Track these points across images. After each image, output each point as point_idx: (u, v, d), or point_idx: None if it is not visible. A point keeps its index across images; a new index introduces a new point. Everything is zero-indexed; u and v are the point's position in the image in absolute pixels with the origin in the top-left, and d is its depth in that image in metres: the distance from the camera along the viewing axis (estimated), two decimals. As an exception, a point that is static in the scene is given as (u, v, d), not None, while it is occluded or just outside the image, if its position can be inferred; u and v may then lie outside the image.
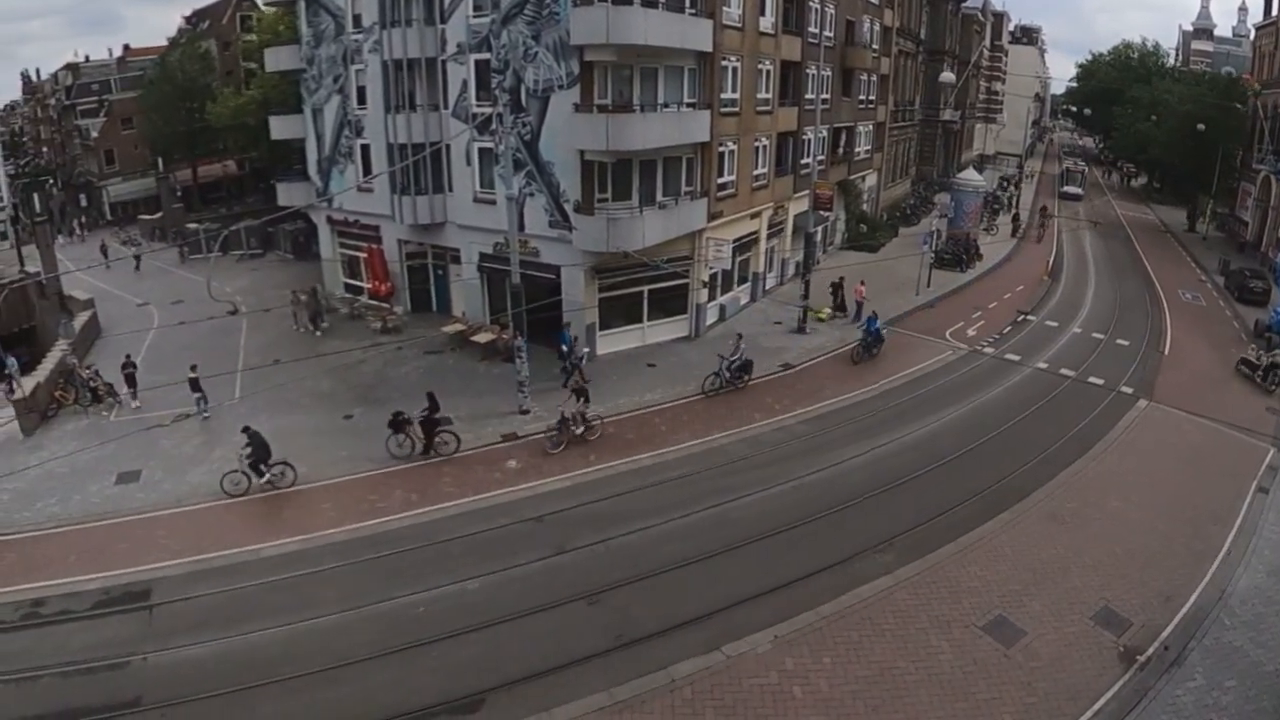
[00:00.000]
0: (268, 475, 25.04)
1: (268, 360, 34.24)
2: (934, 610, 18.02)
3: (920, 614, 17.80)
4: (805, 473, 24.44)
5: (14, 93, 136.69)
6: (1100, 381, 32.95)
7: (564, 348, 32.44)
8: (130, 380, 31.28)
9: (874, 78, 53.28)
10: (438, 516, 23.20)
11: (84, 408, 32.30)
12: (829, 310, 38.94)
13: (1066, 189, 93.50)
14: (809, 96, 41.13)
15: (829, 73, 43.65)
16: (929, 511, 22.10)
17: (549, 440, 26.97)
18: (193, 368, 30.49)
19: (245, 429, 25.23)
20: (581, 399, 27.22)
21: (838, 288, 39.50)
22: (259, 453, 24.90)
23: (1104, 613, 18.54)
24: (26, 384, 31.24)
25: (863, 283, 38.80)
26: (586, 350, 33.35)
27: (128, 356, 31.94)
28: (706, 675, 16.22)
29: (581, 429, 27.17)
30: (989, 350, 34.51)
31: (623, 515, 22.53)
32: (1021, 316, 38.52)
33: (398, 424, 26.74)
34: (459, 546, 21.62)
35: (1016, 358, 33.77)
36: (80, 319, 42.22)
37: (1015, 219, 61.75)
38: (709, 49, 32.95)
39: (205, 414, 30.31)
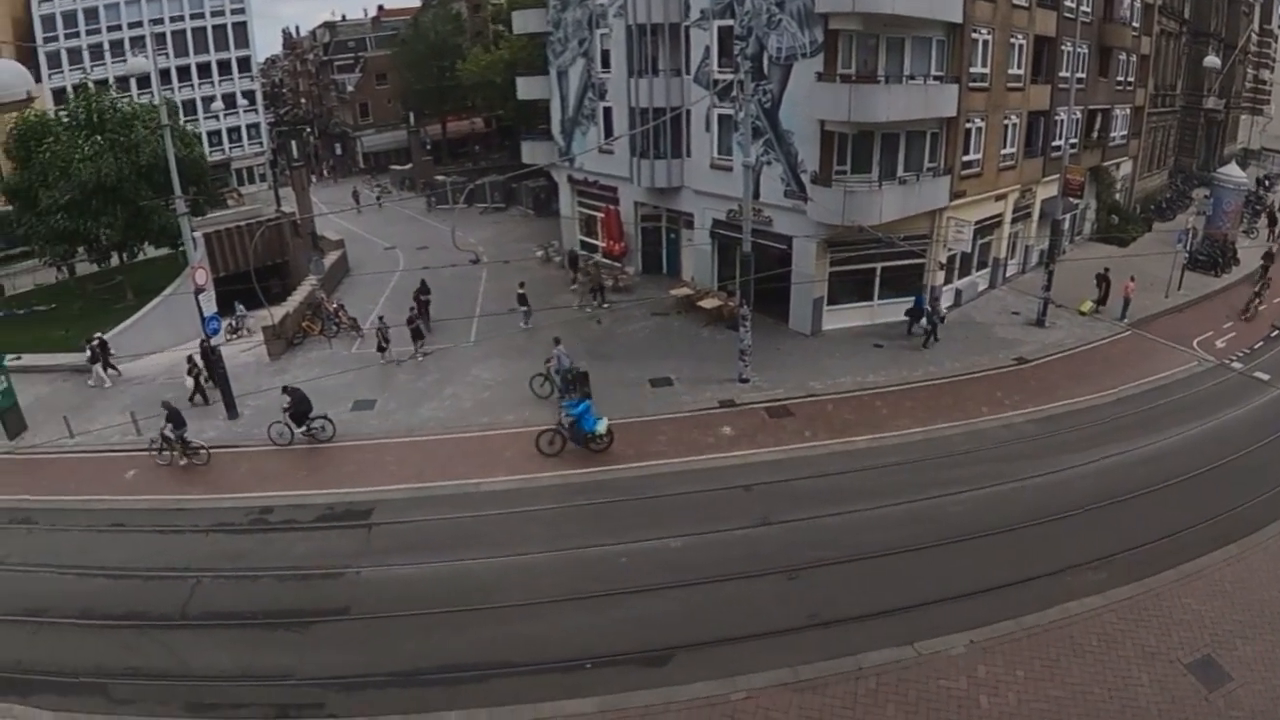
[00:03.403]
0: (307, 428, 27.04)
1: (504, 308, 36.39)
2: (1140, 638, 17.12)
3: (1125, 640, 16.99)
4: (1027, 475, 23.60)
5: (275, 48, 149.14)
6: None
7: (926, 309, 33.14)
8: (416, 334, 33.41)
9: (1133, 58, 49.58)
10: (650, 473, 24.33)
11: (328, 339, 35.42)
12: (1091, 304, 36.80)
13: None
14: (1063, 74, 38.96)
15: (1085, 50, 41.12)
16: (1151, 533, 20.75)
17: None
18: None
19: (285, 388, 27.34)
20: None
21: (1103, 280, 37.14)
22: (300, 407, 26.89)
23: (1324, 673, 17.07)
24: (276, 313, 34.89)
25: (1132, 279, 36.35)
26: (946, 309, 33.79)
27: (412, 309, 34.38)
28: (895, 669, 16.20)
29: None
30: (1237, 365, 31.71)
31: (833, 495, 22.71)
32: (1277, 331, 35.07)
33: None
34: (667, 504, 22.65)
35: (1266, 376, 30.74)
36: (330, 257, 46.43)
37: (1272, 220, 55.85)
38: (959, 20, 32.02)
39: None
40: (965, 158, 34.61)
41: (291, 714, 16.08)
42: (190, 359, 31.00)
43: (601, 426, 25.21)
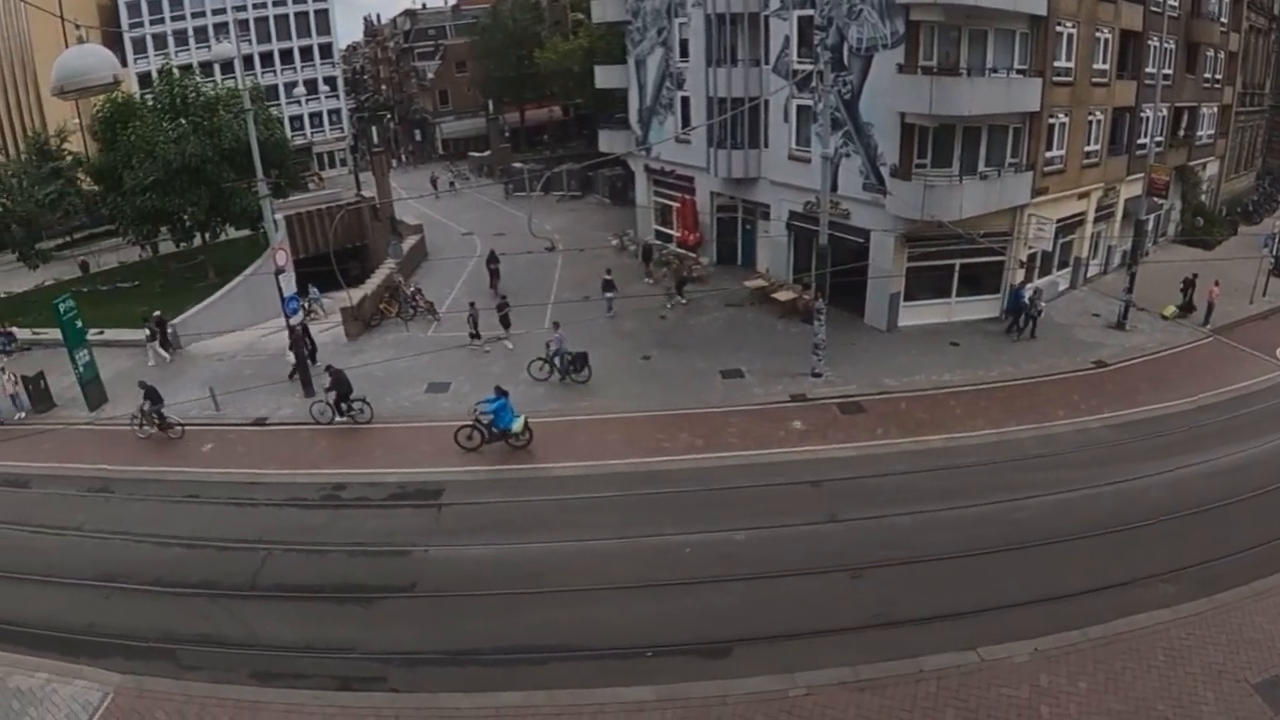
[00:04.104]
0: (347, 408, 27.65)
1: (578, 296, 36.71)
2: (1208, 656, 16.60)
3: (1193, 657, 16.50)
4: (1101, 482, 23.02)
5: (356, 35, 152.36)
6: None
7: (1025, 303, 32.97)
8: (505, 321, 33.68)
9: (1221, 55, 48.08)
10: (718, 464, 24.39)
11: (405, 321, 36.10)
12: (1174, 309, 35.82)
13: None
14: (1149, 70, 37.94)
15: (1171, 46, 40.03)
16: (1227, 547, 20.05)
17: None
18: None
19: (328, 368, 28.04)
20: None
21: (1190, 285, 36.11)
22: (340, 388, 27.50)
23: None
24: (354, 295, 35.61)
25: (1217, 283, 35.34)
26: (1044, 305, 33.58)
27: (503, 298, 34.61)
28: (956, 673, 15.93)
29: None
30: (1322, 376, 30.60)
31: (901, 495, 22.50)
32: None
33: None
34: (733, 496, 22.70)
35: (1353, 390, 29.69)
36: (409, 242, 47.32)
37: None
38: (1043, 12, 31.44)
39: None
40: (1048, 154, 34.00)
41: (354, 687, 16.45)
42: (302, 336, 31.91)
43: (518, 424, 25.26)
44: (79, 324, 30.61)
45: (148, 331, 35.03)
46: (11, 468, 26.74)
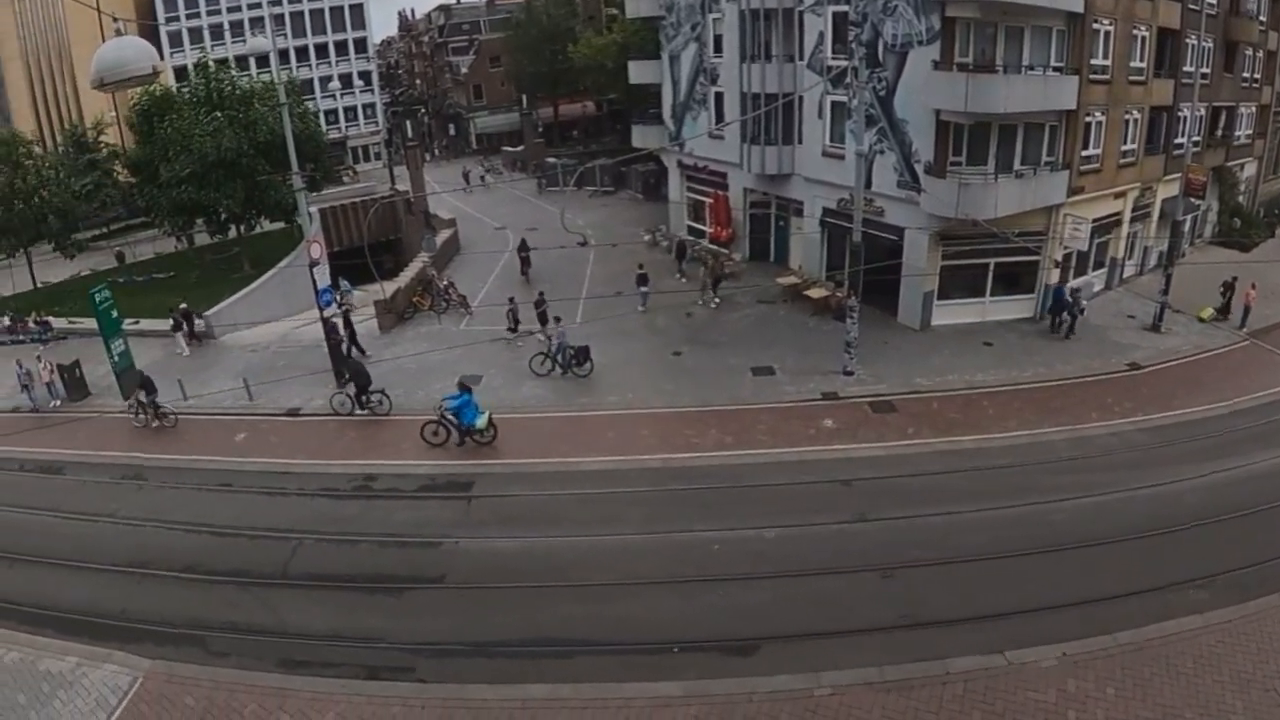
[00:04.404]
0: (365, 400, 28.16)
1: (610, 291, 36.83)
2: (1237, 664, 16.35)
3: (1222, 665, 16.27)
4: (1134, 486, 22.75)
5: (391, 29, 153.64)
6: None
7: (1067, 301, 32.91)
8: (542, 318, 33.39)
9: (1259, 54, 47.32)
10: (748, 461, 24.37)
11: (437, 314, 36.41)
12: (1212, 311, 35.35)
13: None
14: (1187, 69, 37.46)
15: (1210, 44, 39.46)
16: (1258, 554, 19.71)
17: None
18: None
19: (346, 360, 28.88)
20: None
21: (1230, 287, 35.60)
22: (358, 380, 28.01)
23: None
24: (388, 288, 35.85)
25: (1254, 285, 34.88)
26: (1086, 304, 33.45)
27: (541, 294, 34.46)
28: (983, 676, 15.73)
29: None
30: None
31: (932, 495, 22.35)
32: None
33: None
34: (763, 494, 22.67)
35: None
36: (442, 236, 47.68)
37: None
38: (1080, 9, 31.08)
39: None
40: (1084, 153, 33.62)
41: (381, 676, 16.64)
42: (335, 327, 32.29)
43: (482, 421, 25.46)
44: (114, 314, 31.06)
45: (172, 322, 35.60)
46: (46, 454, 27.31)
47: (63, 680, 17.08)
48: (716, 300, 37.49)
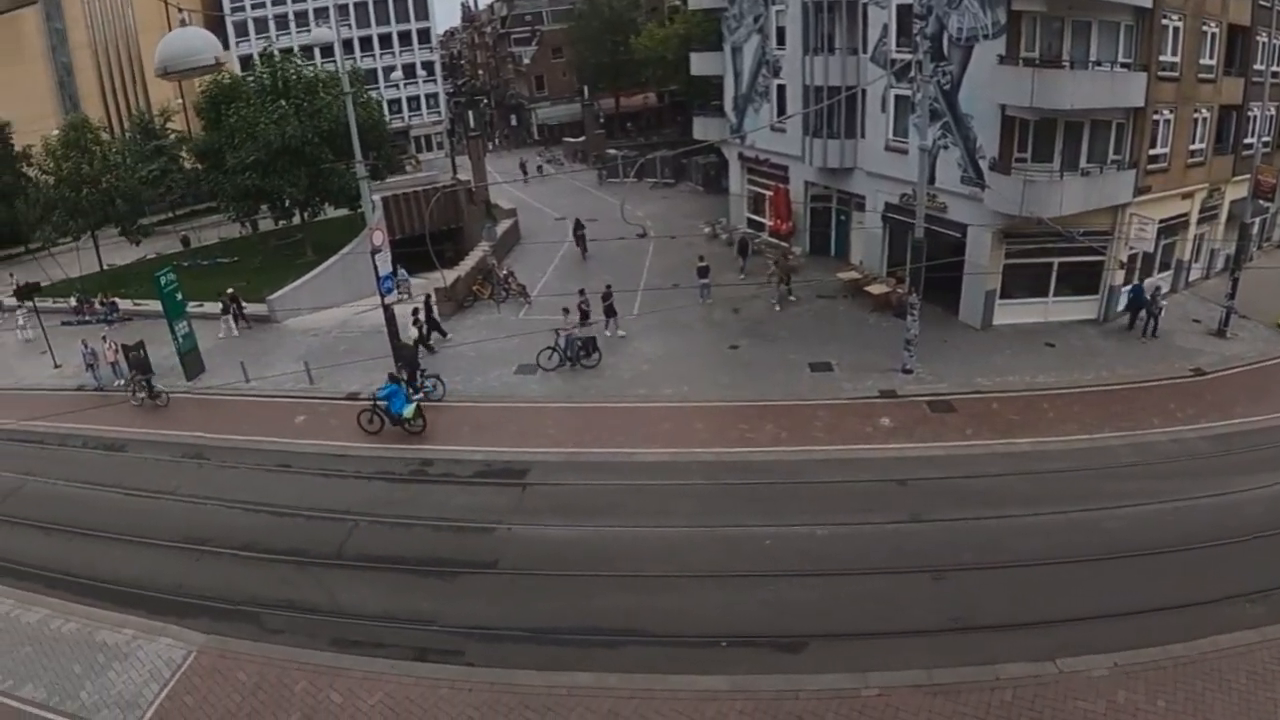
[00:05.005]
0: (421, 388, 28.61)
1: (668, 283, 36.96)
2: None
3: (1276, 681, 15.84)
4: (1195, 495, 22.17)
5: (454, 20, 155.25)
6: None
7: (1146, 300, 32.54)
8: (610, 311, 33.45)
9: None
10: (803, 458, 24.30)
11: (497, 303, 36.85)
12: None
13: None
14: (1258, 67, 36.41)
15: (1280, 42, 38.44)
16: None
17: None
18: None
19: (397, 346, 29.10)
20: None
21: None
22: (412, 366, 28.66)
23: None
24: (448, 276, 36.33)
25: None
26: (1164, 303, 33.07)
27: (608, 287, 34.09)
28: (1032, 684, 15.55)
29: None
30: None
31: (988, 498, 22.06)
32: None
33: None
34: (817, 491, 22.60)
35: None
36: (503, 225, 48.08)
37: None
38: (1149, 4, 30.32)
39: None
40: (1152, 151, 32.82)
41: (431, 658, 16.97)
42: (415, 311, 33.08)
43: (409, 410, 26.21)
44: (179, 296, 31.91)
45: (220, 305, 36.46)
46: (109, 432, 28.28)
47: (118, 652, 17.70)
48: (792, 298, 36.87)
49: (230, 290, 37.85)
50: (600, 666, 16.45)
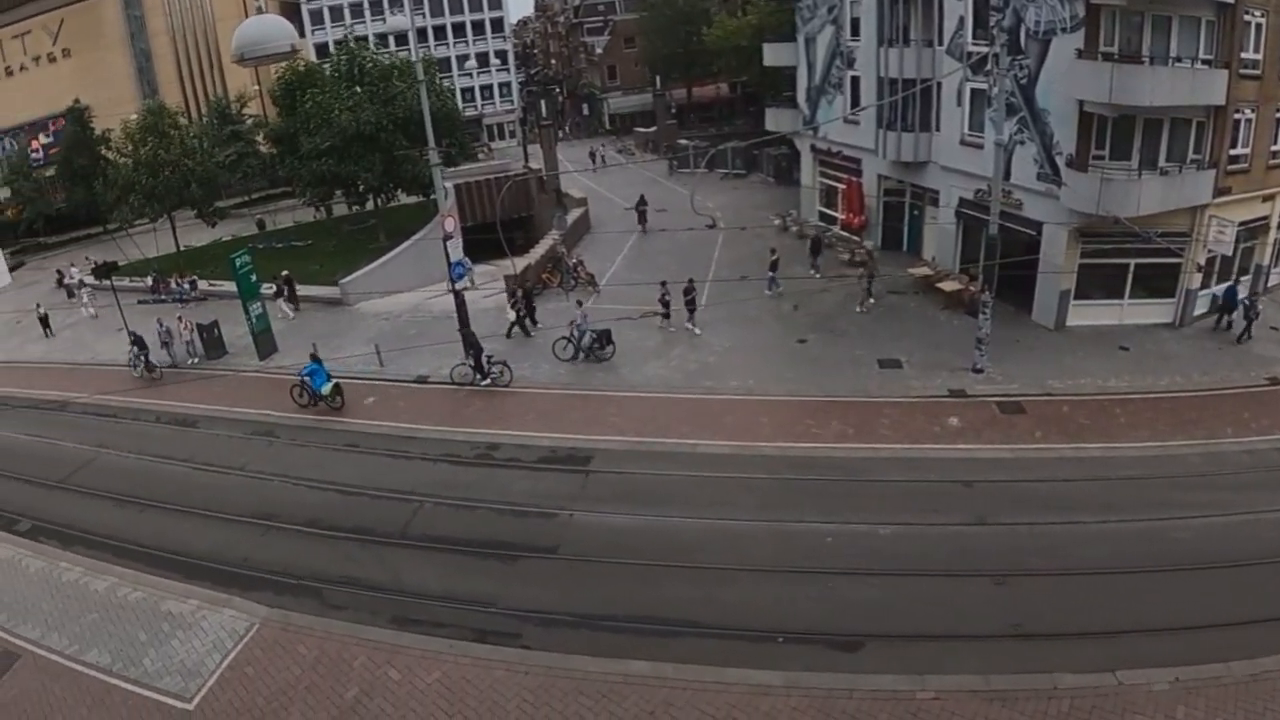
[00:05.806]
0: (486, 371, 29.15)
1: (735, 275, 37.07)
2: None
3: None
4: (1266, 508, 21.47)
5: (527, 10, 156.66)
6: None
7: (1245, 301, 32.01)
8: (691, 305, 33.31)
9: None
10: (868, 455, 24.20)
11: (565, 292, 37.23)
12: None
13: None
14: (1342, 66, 35.15)
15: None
16: None
17: None
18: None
19: (461, 331, 29.64)
20: None
21: None
22: (477, 351, 28.99)
23: None
24: (518, 263, 36.84)
25: None
26: (1262, 307, 32.40)
27: (690, 280, 33.97)
28: (1091, 694, 15.26)
29: None
30: None
31: (1056, 503, 21.69)
32: None
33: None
34: (881, 490, 22.53)
35: None
36: (573, 214, 48.48)
37: None
38: (1230, -1, 29.59)
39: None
40: (1232, 151, 31.75)
41: (489, 640, 17.31)
42: (513, 294, 33.72)
43: (327, 388, 28.05)
44: (253, 278, 32.74)
45: (274, 288, 37.35)
46: (182, 408, 29.34)
47: (182, 621, 18.35)
48: (872, 299, 35.85)
49: (285, 273, 38.72)
50: (656, 655, 16.58)
